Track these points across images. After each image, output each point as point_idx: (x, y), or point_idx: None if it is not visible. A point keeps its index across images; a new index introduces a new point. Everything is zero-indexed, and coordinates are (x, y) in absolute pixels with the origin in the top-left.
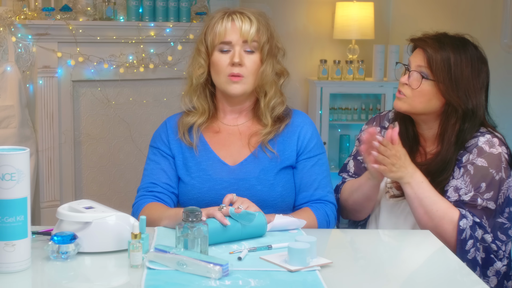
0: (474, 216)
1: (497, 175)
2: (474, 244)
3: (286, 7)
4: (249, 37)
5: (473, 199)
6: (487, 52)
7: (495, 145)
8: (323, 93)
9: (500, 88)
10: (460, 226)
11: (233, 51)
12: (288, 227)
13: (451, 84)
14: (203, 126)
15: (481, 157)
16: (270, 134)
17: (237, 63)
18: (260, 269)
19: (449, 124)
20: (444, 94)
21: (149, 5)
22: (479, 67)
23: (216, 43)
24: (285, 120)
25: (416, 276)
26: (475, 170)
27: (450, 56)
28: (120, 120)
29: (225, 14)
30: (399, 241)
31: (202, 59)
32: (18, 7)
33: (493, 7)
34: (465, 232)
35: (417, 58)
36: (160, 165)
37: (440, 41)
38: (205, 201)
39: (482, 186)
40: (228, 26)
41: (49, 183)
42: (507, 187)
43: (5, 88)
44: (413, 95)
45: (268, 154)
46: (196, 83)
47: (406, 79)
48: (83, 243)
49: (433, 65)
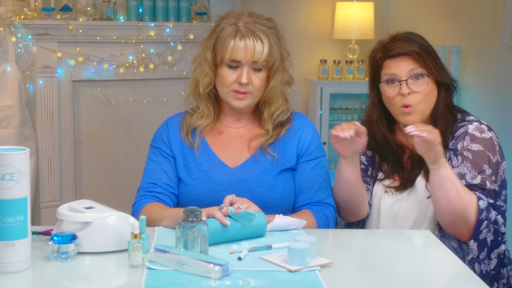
0: (488, 197)
1: (494, 157)
2: (488, 225)
3: (286, 7)
4: (261, 59)
5: (483, 182)
6: (487, 52)
7: (485, 131)
8: (323, 93)
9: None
10: (480, 206)
11: (241, 69)
12: (288, 227)
13: (438, 65)
14: (207, 128)
15: (475, 143)
16: (271, 139)
17: (244, 84)
18: (260, 269)
19: (440, 99)
20: (440, 79)
21: (149, 5)
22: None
23: (226, 59)
24: (286, 125)
25: (416, 276)
26: (473, 155)
27: (422, 43)
28: (120, 120)
29: (237, 33)
30: (399, 241)
31: (209, 69)
32: (18, 7)
33: (493, 7)
34: (483, 213)
35: (405, 64)
36: (160, 166)
37: (403, 39)
38: (205, 202)
39: (485, 169)
40: (241, 46)
41: (49, 183)
42: (502, 170)
43: (5, 88)
44: (421, 101)
45: (268, 157)
46: (202, 92)
47: (407, 89)
48: (83, 243)
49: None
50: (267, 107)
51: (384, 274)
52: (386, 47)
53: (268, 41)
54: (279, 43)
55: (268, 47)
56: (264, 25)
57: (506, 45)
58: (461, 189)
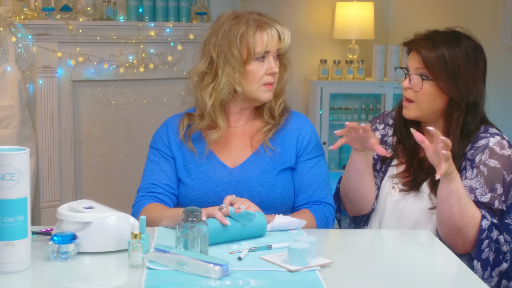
0: (492, 217)
1: (508, 176)
2: (489, 244)
3: (286, 7)
4: (287, 44)
5: (491, 201)
6: (487, 52)
7: (505, 147)
8: (323, 93)
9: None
10: (482, 226)
11: (268, 60)
12: (288, 227)
13: (450, 80)
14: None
15: (493, 158)
16: (271, 131)
17: (276, 73)
18: (260, 269)
19: (453, 118)
20: (445, 91)
21: (149, 5)
22: (475, 57)
23: (258, 52)
24: (284, 114)
25: (416, 276)
26: (488, 171)
27: (445, 52)
28: (120, 120)
29: (262, 24)
30: (400, 241)
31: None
32: (18, 7)
33: (493, 7)
34: (485, 232)
35: (413, 61)
36: (160, 166)
37: (432, 40)
38: (205, 203)
39: (497, 188)
40: (274, 35)
41: (49, 183)
42: None
43: (5, 88)
44: (418, 98)
45: (268, 153)
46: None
47: (407, 83)
48: (83, 243)
49: (429, 65)
50: (273, 99)
51: (384, 274)
52: (413, 39)
53: (287, 29)
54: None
55: (288, 34)
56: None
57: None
58: (466, 205)
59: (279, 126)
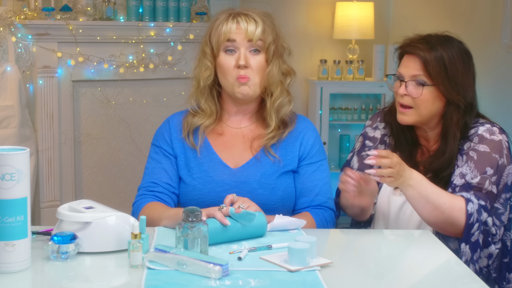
0: (479, 199)
1: (500, 159)
2: (479, 227)
3: (286, 7)
4: (255, 37)
5: (481, 182)
6: (487, 52)
7: (495, 133)
8: (323, 93)
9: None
10: (469, 211)
11: (239, 52)
12: (288, 227)
13: (450, 83)
14: (209, 128)
15: (483, 144)
16: (274, 139)
17: (242, 66)
18: (260, 269)
19: (453, 122)
20: (446, 94)
21: (149, 5)
22: (468, 60)
23: (221, 42)
24: (289, 127)
25: (416, 276)
26: (478, 156)
27: (443, 54)
28: (120, 120)
29: (230, 16)
30: (399, 241)
31: (208, 61)
32: (18, 7)
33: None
34: (473, 216)
35: (410, 66)
36: (161, 165)
37: (428, 42)
38: (206, 203)
39: (488, 170)
40: (233, 27)
41: (49, 183)
42: (507, 173)
43: (5, 88)
44: (416, 104)
45: (270, 158)
46: (203, 85)
47: (404, 90)
48: (83, 243)
49: (429, 69)
50: (269, 98)
51: (384, 274)
52: (409, 42)
53: (262, 21)
54: (275, 30)
55: (262, 25)
56: (257, 12)
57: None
58: (438, 200)
59: (281, 137)
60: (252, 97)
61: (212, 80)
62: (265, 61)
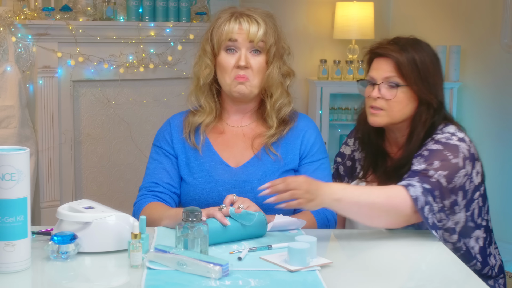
0: (424, 183)
1: (454, 159)
2: (431, 209)
3: (286, 7)
4: (256, 38)
5: (426, 169)
6: (487, 52)
7: (454, 140)
8: (323, 93)
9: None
10: (412, 195)
11: (239, 53)
12: (288, 227)
13: (423, 82)
14: (209, 126)
15: (437, 144)
16: (274, 137)
17: (243, 66)
18: (260, 269)
19: (421, 121)
20: (419, 94)
21: (149, 5)
22: (437, 62)
23: (222, 41)
24: (290, 124)
25: (416, 276)
26: (429, 153)
27: (414, 56)
28: (120, 120)
29: (232, 16)
30: (399, 241)
31: (209, 59)
32: (18, 7)
33: (493, 7)
34: (419, 199)
35: (382, 68)
36: (162, 165)
37: (398, 44)
38: (207, 202)
39: (435, 163)
40: (235, 28)
41: (49, 183)
42: (461, 175)
43: (5, 88)
44: (390, 106)
45: (271, 157)
46: (203, 83)
47: (377, 93)
48: (83, 243)
49: (402, 69)
50: (268, 99)
51: (384, 274)
52: (378, 45)
53: (264, 23)
54: (276, 31)
55: (264, 27)
56: (260, 13)
57: (506, 45)
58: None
59: (282, 135)
60: (248, 97)
61: (212, 78)
62: (266, 63)
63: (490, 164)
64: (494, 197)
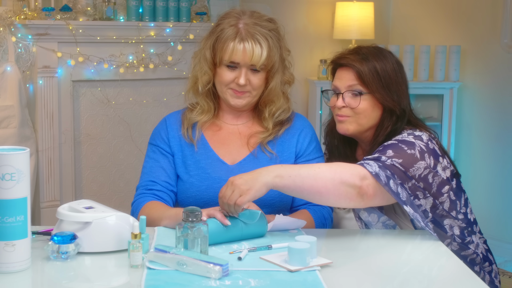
0: (376, 161)
1: (409, 150)
2: (395, 183)
3: (286, 7)
4: (259, 63)
5: (378, 156)
6: (487, 52)
7: (411, 139)
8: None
9: (500, 88)
10: (372, 171)
11: (240, 71)
12: (288, 227)
13: (385, 90)
14: (206, 123)
15: (392, 141)
16: (270, 136)
17: (242, 85)
18: (260, 269)
19: (383, 128)
20: (382, 101)
21: (149, 5)
22: (400, 70)
23: (225, 60)
24: (286, 124)
25: (415, 276)
26: (383, 147)
27: (375, 65)
28: (120, 120)
29: (236, 35)
30: (399, 241)
31: (208, 68)
32: (18, 7)
33: (493, 7)
34: (380, 174)
35: (344, 77)
36: (159, 163)
37: (359, 53)
38: (203, 200)
39: (388, 152)
40: (239, 49)
41: (49, 183)
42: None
43: (5, 88)
44: (355, 114)
45: (267, 154)
46: (201, 90)
47: (342, 102)
48: (83, 243)
49: (364, 77)
50: (267, 106)
51: (384, 274)
52: (340, 55)
53: (267, 44)
54: (279, 45)
55: (267, 50)
56: (264, 27)
57: (506, 45)
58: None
59: (277, 134)
60: (245, 107)
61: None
62: (265, 78)
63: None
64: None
